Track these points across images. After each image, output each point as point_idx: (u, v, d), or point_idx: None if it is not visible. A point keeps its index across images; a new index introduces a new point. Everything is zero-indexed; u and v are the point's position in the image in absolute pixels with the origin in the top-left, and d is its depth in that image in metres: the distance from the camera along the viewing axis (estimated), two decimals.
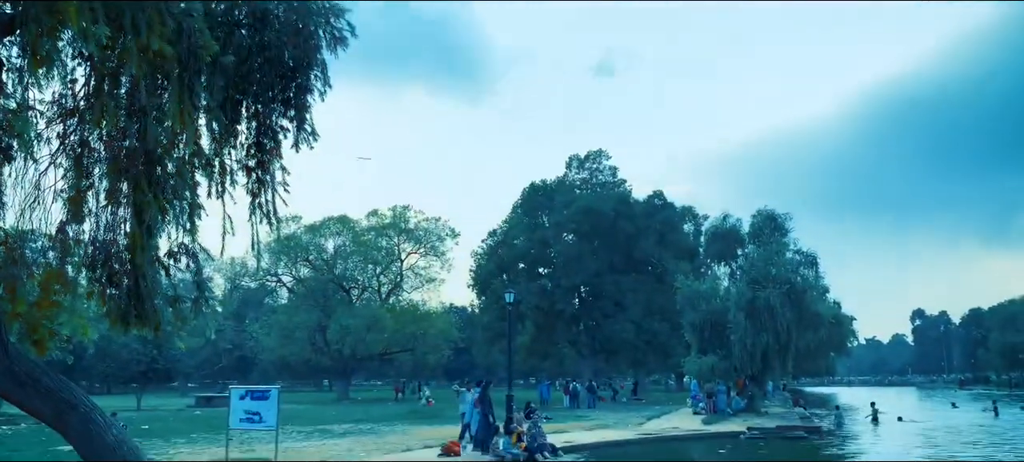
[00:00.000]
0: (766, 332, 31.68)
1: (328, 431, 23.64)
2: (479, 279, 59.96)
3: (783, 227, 36.18)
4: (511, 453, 16.67)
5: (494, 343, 60.22)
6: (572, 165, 62.21)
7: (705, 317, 34.93)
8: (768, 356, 32.55)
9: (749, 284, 32.92)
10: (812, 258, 35.34)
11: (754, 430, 24.55)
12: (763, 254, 34.08)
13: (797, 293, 32.58)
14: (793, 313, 32.12)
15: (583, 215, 54.92)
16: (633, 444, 21.25)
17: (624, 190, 60.24)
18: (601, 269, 55.63)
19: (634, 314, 53.74)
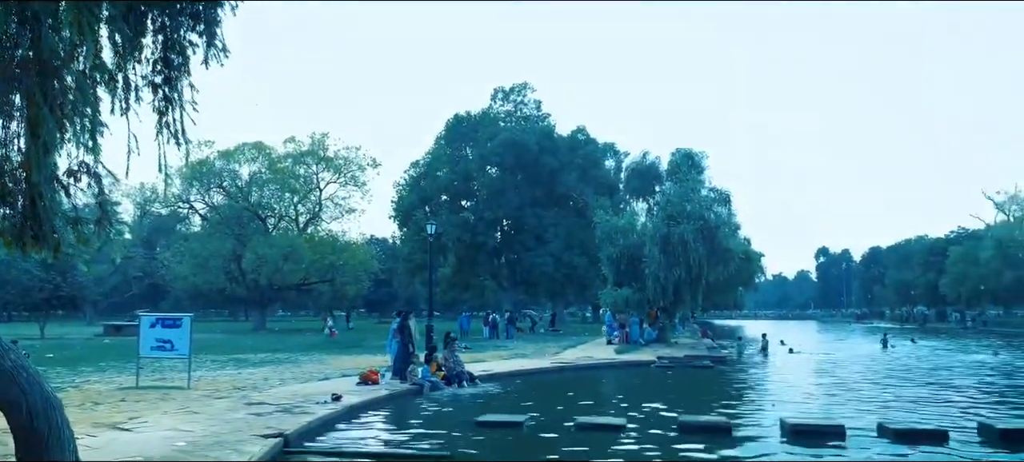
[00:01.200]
0: (679, 266, 32.73)
1: (244, 360, 23.37)
2: (401, 210, 59.60)
3: (699, 165, 37.08)
4: (429, 381, 16.89)
5: (415, 275, 60.36)
6: (497, 97, 61.94)
7: (622, 251, 35.82)
8: (680, 289, 33.73)
9: (665, 220, 33.80)
10: (725, 196, 36.46)
11: (663, 359, 25.55)
12: (679, 191, 34.95)
13: (710, 229, 33.66)
14: (705, 248, 33.23)
15: (507, 148, 55.00)
16: (548, 372, 21.83)
17: (548, 124, 60.50)
18: (523, 203, 56.11)
19: (554, 248, 54.64)
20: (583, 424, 12.02)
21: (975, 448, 10.56)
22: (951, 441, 10.85)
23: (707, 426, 11.79)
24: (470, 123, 60.39)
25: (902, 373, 23.45)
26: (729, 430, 11.66)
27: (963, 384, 19.98)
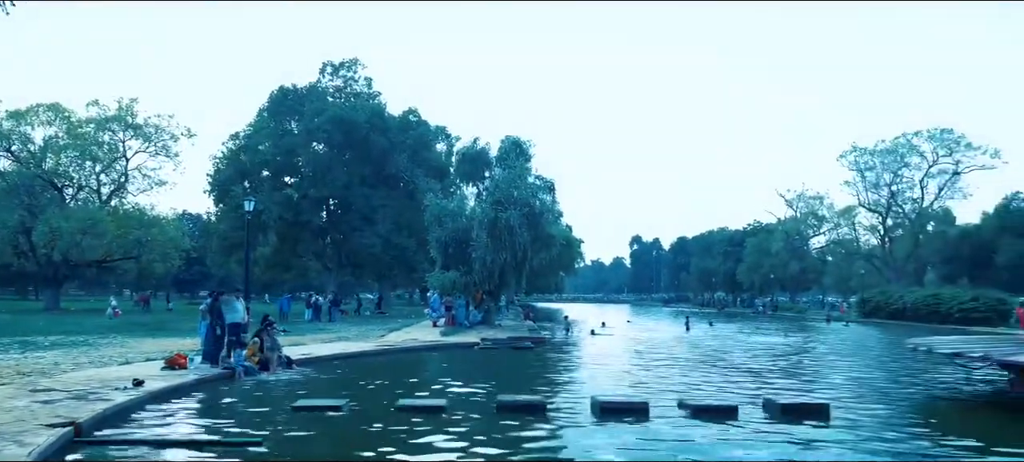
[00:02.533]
0: (505, 250, 33.50)
1: (32, 343, 21.20)
2: (217, 184, 56.33)
3: (527, 153, 38.02)
4: (243, 366, 16.15)
5: (231, 253, 57.34)
6: (326, 71, 60.02)
7: (451, 234, 36.08)
8: (506, 273, 34.57)
9: (493, 205, 34.41)
10: (550, 184, 37.66)
11: (487, 341, 26.06)
12: (507, 178, 35.67)
13: (535, 216, 34.69)
14: (530, 234, 34.22)
15: (335, 125, 53.47)
16: (372, 355, 21.59)
17: (379, 103, 59.46)
18: (351, 181, 54.86)
19: (383, 229, 53.93)
20: (404, 406, 12.00)
21: (760, 420, 11.63)
22: (740, 415, 11.87)
23: (523, 405, 12.16)
24: (296, 96, 58.12)
25: (700, 353, 25.43)
26: (544, 408, 12.10)
27: (753, 363, 22.00)
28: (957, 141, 66.85)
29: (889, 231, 73.35)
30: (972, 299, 47.18)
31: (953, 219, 72.67)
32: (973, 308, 45.91)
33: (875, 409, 13.14)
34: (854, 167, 72.03)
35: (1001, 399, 14.26)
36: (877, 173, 71.06)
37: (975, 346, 14.50)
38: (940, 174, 68.53)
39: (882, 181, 71.23)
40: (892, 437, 10.75)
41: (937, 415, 13.25)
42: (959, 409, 14.05)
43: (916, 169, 69.60)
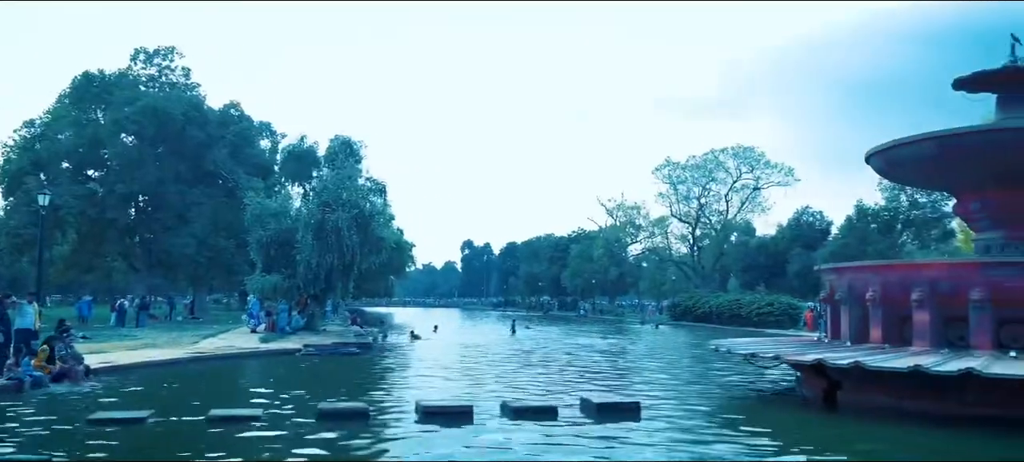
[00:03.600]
0: (332, 253, 32.67)
1: None
2: (8, 176, 50.56)
3: (357, 154, 37.34)
4: (32, 376, 14.61)
5: (23, 252, 51.64)
6: (138, 58, 55.65)
7: (273, 236, 34.65)
8: (332, 276, 33.71)
9: (320, 206, 33.48)
10: (382, 186, 37.23)
11: (310, 347, 25.28)
12: (336, 178, 34.83)
13: (365, 218, 34.12)
14: (359, 237, 33.61)
15: (148, 116, 49.61)
16: (183, 363, 20.27)
17: (197, 95, 55.97)
18: (165, 177, 51.18)
19: (198, 228, 50.74)
20: (215, 417, 11.36)
21: (577, 419, 12.13)
22: (559, 415, 12.32)
23: (345, 412, 11.91)
24: (103, 84, 53.39)
25: (524, 355, 26.12)
26: (367, 414, 11.92)
27: (573, 364, 22.90)
28: (758, 159, 73.42)
29: (698, 240, 79.14)
30: (768, 304, 51.82)
31: (753, 231, 79.59)
32: (769, 312, 50.43)
33: (681, 406, 14.09)
34: (668, 180, 77.09)
35: (791, 396, 15.79)
36: (688, 186, 76.51)
37: (769, 347, 15.94)
38: (743, 189, 74.96)
39: (692, 194, 76.77)
40: (695, 432, 11.58)
41: (735, 412, 14.42)
42: (755, 406, 15.38)
43: (722, 184, 75.64)
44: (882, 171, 17.78)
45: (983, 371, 11.00)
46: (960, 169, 15.03)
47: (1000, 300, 12.62)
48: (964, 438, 10.90)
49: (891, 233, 59.43)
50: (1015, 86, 14.89)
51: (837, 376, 13.38)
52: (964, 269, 14.55)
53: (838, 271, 16.42)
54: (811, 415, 13.59)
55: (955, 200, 17.03)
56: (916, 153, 15.15)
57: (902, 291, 13.67)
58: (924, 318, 13.28)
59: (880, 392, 12.75)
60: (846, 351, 13.65)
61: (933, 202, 55.94)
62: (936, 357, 12.13)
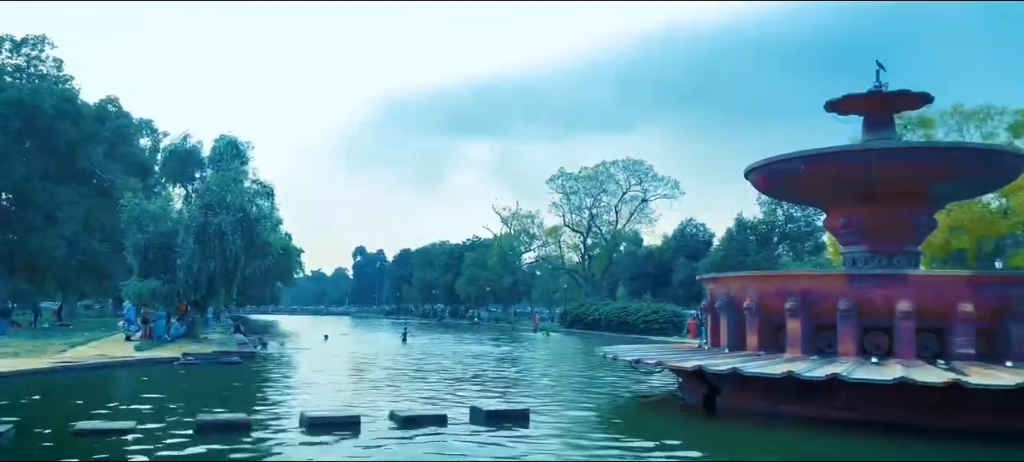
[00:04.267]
0: (215, 258, 31.32)
1: None
2: None
3: (244, 155, 35.96)
4: None
5: None
6: (2, 47, 51.73)
7: (152, 239, 32.86)
8: (215, 282, 32.32)
9: (203, 209, 32.05)
10: (269, 189, 35.97)
11: (190, 356, 24.12)
12: (221, 179, 33.43)
13: (250, 222, 32.91)
14: (244, 241, 32.38)
15: (13, 109, 46.11)
16: (48, 373, 18.90)
17: (70, 89, 52.51)
18: (32, 175, 47.67)
19: (69, 230, 47.54)
20: (82, 430, 10.65)
21: (467, 427, 12.10)
22: (449, 423, 12.26)
23: (225, 424, 11.43)
24: None
25: (416, 364, 25.91)
26: (248, 426, 11.47)
27: (465, 372, 22.88)
28: (646, 172, 75.81)
29: (589, 249, 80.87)
30: (653, 312, 53.54)
31: (641, 241, 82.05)
32: (654, 320, 52.09)
33: (569, 413, 14.33)
34: (561, 190, 78.47)
35: (674, 401, 16.33)
36: (580, 197, 78.10)
37: (652, 354, 16.43)
38: (632, 200, 77.14)
39: (584, 204, 78.43)
40: (582, 437, 11.79)
41: (621, 417, 14.80)
42: (639, 411, 15.83)
43: (613, 195, 77.64)
44: (760, 186, 18.73)
45: (848, 376, 11.73)
46: (827, 186, 16.02)
47: (864, 309, 13.51)
48: (833, 440, 11.58)
49: (768, 245, 62.59)
50: (878, 109, 16.01)
51: (716, 382, 13.94)
52: (832, 280, 15.51)
53: (718, 281, 17.16)
54: (692, 419, 14.10)
55: (825, 215, 18.11)
56: (789, 170, 16.04)
57: (777, 300, 14.41)
58: (796, 326, 14.04)
59: (757, 397, 13.38)
60: (725, 358, 14.25)
61: (807, 217, 59.33)
62: (807, 363, 12.83)
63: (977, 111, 44.99)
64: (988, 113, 45.01)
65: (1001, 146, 30.54)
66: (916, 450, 10.96)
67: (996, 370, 11.99)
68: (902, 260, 15.46)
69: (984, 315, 13.08)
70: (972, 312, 12.80)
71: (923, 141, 35.30)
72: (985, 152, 19.14)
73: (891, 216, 15.36)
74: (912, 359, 12.66)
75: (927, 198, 15.80)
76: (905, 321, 12.98)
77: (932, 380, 11.32)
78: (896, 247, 15.57)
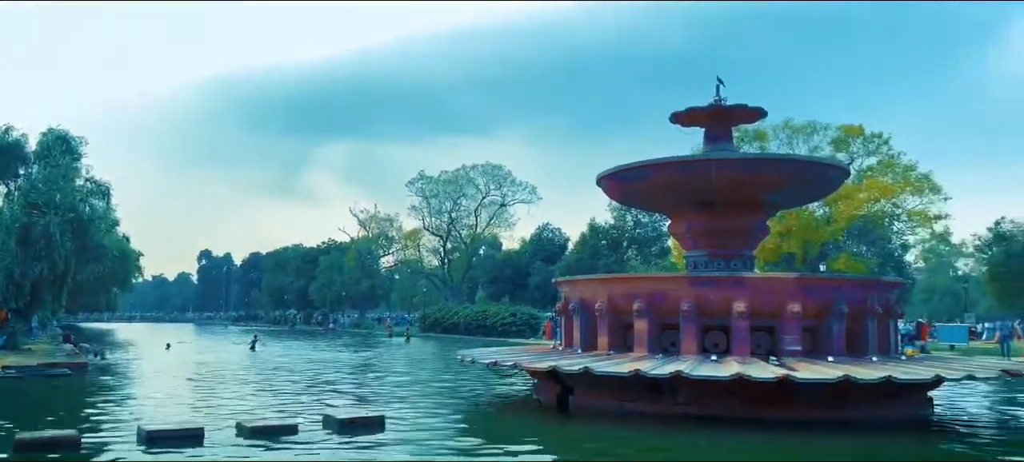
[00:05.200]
0: (41, 262, 28.73)
1: None
2: None
3: (76, 151, 33.16)
4: None
5: None
6: None
7: None
8: (40, 288, 29.69)
9: (27, 208, 29.34)
10: (105, 188, 33.47)
11: (10, 369, 21.96)
12: (49, 177, 30.71)
13: (82, 223, 30.51)
14: (75, 244, 29.97)
15: None
16: None
17: None
18: None
19: None
20: None
21: (320, 436, 11.76)
22: (301, 431, 11.87)
23: (50, 441, 10.47)
24: None
25: (265, 372, 24.90)
26: (77, 443, 10.58)
27: (318, 379, 22.24)
28: (505, 177, 76.85)
29: (449, 253, 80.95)
30: (511, 314, 54.41)
31: (500, 245, 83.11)
32: (512, 322, 52.93)
33: (427, 416, 14.26)
34: (420, 194, 78.08)
35: (529, 402, 16.63)
36: (440, 200, 78.06)
37: (509, 356, 16.66)
38: (491, 204, 77.97)
39: (444, 208, 78.44)
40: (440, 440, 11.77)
41: (478, 418, 14.91)
42: (496, 412, 16.00)
43: (472, 199, 78.15)
44: (611, 192, 19.47)
45: (690, 373, 12.40)
46: (672, 194, 16.91)
47: (704, 310, 14.33)
48: (676, 434, 12.20)
49: (619, 249, 65.15)
50: (718, 122, 17.07)
51: (569, 381, 14.34)
52: (676, 283, 16.34)
53: (571, 283, 17.67)
54: (546, 418, 14.42)
55: (670, 221, 19.07)
56: (637, 178, 16.82)
57: (626, 302, 15.02)
58: (644, 326, 14.68)
59: (607, 395, 13.88)
60: (577, 358, 14.68)
61: (654, 222, 62.27)
62: (653, 362, 13.45)
63: (805, 126, 49.01)
64: (814, 128, 49.17)
65: (825, 159, 33.49)
66: (750, 440, 11.75)
67: (820, 365, 13.08)
68: (739, 264, 16.55)
69: (810, 314, 14.22)
70: (799, 312, 13.87)
71: (758, 153, 38.03)
72: (812, 164, 20.92)
73: (729, 222, 16.42)
74: (747, 356, 13.56)
75: (761, 206, 17.00)
76: (741, 321, 13.87)
77: (764, 376, 12.20)
78: (733, 251, 16.64)
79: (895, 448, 11.83)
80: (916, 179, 47.77)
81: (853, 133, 48.72)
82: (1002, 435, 13.37)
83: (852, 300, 14.51)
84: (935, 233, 54.59)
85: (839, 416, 12.79)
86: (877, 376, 12.22)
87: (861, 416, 12.91)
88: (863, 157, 49.37)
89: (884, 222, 50.68)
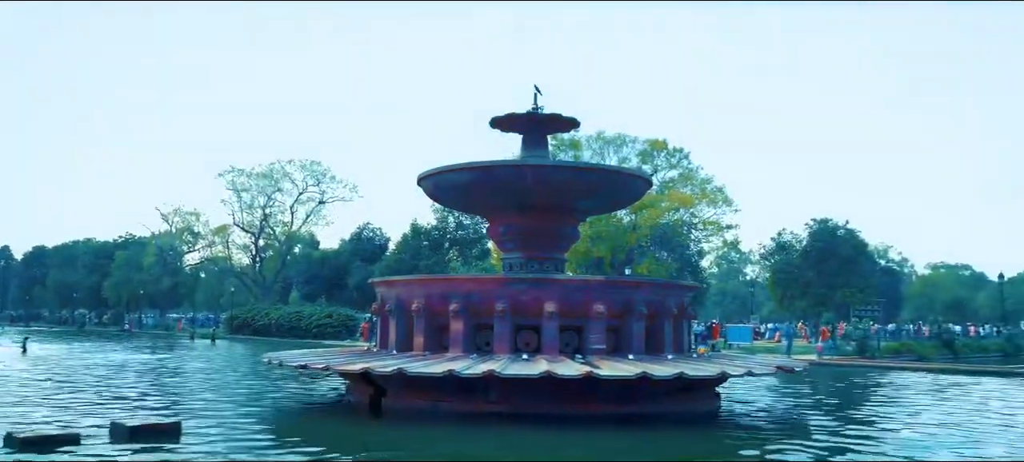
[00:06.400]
0: None
1: None
2: None
3: None
4: None
5: None
6: None
7: None
8: None
9: None
10: None
11: None
12: None
13: None
14: None
15: None
16: None
17: None
18: None
19: None
20: None
21: (106, 447, 10.77)
22: (83, 442, 10.81)
23: None
24: None
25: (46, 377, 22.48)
26: None
27: (109, 384, 20.40)
28: (324, 173, 74.65)
29: (261, 251, 77.39)
30: (327, 315, 53.02)
31: (317, 243, 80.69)
32: (328, 324, 51.59)
33: (229, 424, 13.49)
34: (231, 187, 73.99)
35: (342, 405, 16.24)
36: (252, 195, 74.39)
37: (320, 358, 16.16)
38: (309, 201, 75.44)
39: (257, 203, 74.85)
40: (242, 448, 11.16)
41: (285, 424, 14.35)
42: (304, 417, 15.48)
43: (288, 195, 75.17)
44: (431, 194, 19.47)
45: (501, 372, 12.67)
46: (490, 196, 17.24)
47: (518, 310, 14.70)
48: (488, 432, 12.41)
49: (440, 250, 65.48)
50: (534, 129, 17.63)
51: (383, 383, 14.18)
52: (491, 283, 16.64)
53: (388, 284, 17.48)
54: (358, 422, 14.16)
55: (489, 223, 19.44)
56: (456, 180, 16.98)
57: (442, 303, 15.08)
58: (459, 327, 14.81)
59: (421, 396, 13.87)
60: (392, 359, 14.54)
61: (475, 224, 63.25)
62: (466, 362, 13.60)
63: (615, 138, 51.95)
64: (623, 140, 52.22)
65: (631, 170, 35.62)
66: (557, 435, 12.21)
67: (621, 363, 13.84)
68: (551, 266, 17.18)
69: (614, 315, 15.01)
70: (603, 312, 14.61)
71: (571, 161, 39.75)
72: (619, 174, 22.14)
73: (543, 226, 17.02)
74: (556, 355, 14.07)
75: (573, 211, 17.76)
76: (551, 321, 14.37)
77: (570, 373, 12.72)
78: (546, 254, 17.25)
79: (684, 438, 12.77)
80: (711, 191, 52.11)
81: (658, 147, 52.29)
82: (776, 423, 14.87)
83: (650, 302, 15.49)
84: (726, 241, 59.92)
85: (639, 410, 13.61)
86: (671, 372, 13.13)
87: (658, 410, 13.80)
88: (666, 169, 53.15)
89: (683, 230, 54.80)
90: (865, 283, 55.56)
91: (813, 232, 57.30)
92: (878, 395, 21.23)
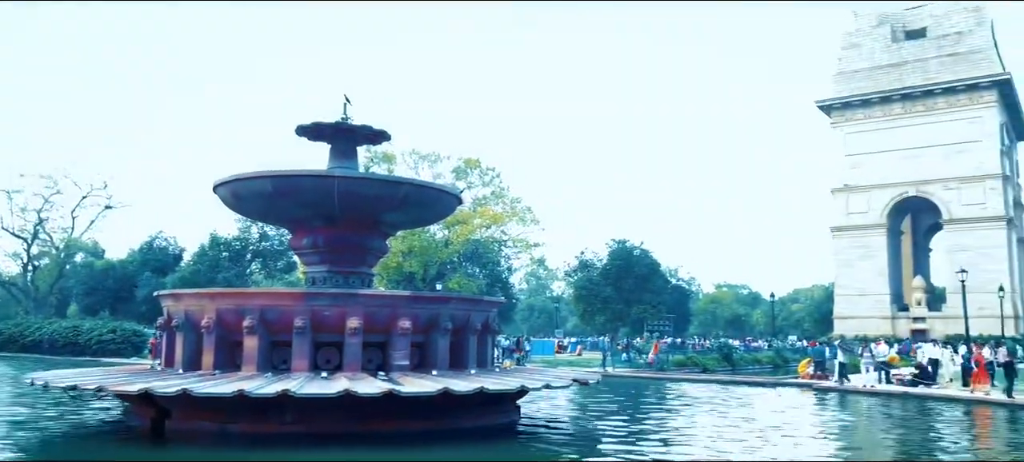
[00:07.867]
0: None
1: None
2: None
3: None
4: None
5: None
6: None
7: None
8: None
9: None
10: None
11: None
12: None
13: None
14: None
15: None
16: None
17: None
18: None
19: None
20: None
21: None
22: None
23: None
24: None
25: None
26: None
27: None
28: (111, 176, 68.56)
29: (34, 259, 69.50)
30: (110, 331, 48.34)
31: (102, 252, 73.70)
32: (111, 339, 47.06)
33: None
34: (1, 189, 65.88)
35: (120, 427, 14.78)
36: (25, 197, 66.63)
37: (93, 378, 14.60)
38: (94, 206, 68.74)
39: (30, 206, 67.11)
40: None
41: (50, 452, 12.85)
42: (74, 443, 13.90)
43: (71, 198, 68.08)
44: (229, 202, 18.29)
45: (297, 392, 12.11)
46: (293, 207, 16.45)
47: (319, 326, 14.15)
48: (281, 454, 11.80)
49: (242, 262, 62.19)
50: (342, 140, 17.12)
51: (166, 404, 13.09)
52: (290, 299, 15.85)
53: (176, 297, 16.17)
54: (137, 446, 13.00)
55: (291, 235, 18.54)
56: (255, 189, 16.02)
57: (235, 318, 14.20)
58: (254, 344, 14.01)
59: (209, 418, 12.92)
60: (176, 378, 13.47)
61: (280, 235, 60.67)
62: (260, 381, 12.87)
63: (430, 154, 52.15)
64: (438, 156, 52.51)
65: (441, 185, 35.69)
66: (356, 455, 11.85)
67: (424, 379, 13.72)
68: (357, 280, 16.71)
69: (419, 330, 14.89)
70: (409, 328, 14.44)
71: (380, 174, 39.26)
72: (428, 189, 22.06)
73: (349, 239, 16.53)
74: (358, 372, 13.69)
75: (380, 225, 17.41)
76: (354, 337, 13.97)
77: (371, 391, 12.41)
78: (352, 268, 16.77)
79: (482, 452, 12.89)
80: (520, 210, 53.66)
81: (471, 164, 53.10)
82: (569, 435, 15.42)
83: (456, 317, 15.53)
84: (534, 259, 61.85)
85: (442, 426, 13.56)
86: (471, 387, 13.21)
87: (461, 425, 13.82)
88: (479, 187, 54.05)
89: (494, 247, 55.94)
90: (658, 299, 59.47)
91: (612, 251, 60.50)
92: (664, 405, 22.75)
